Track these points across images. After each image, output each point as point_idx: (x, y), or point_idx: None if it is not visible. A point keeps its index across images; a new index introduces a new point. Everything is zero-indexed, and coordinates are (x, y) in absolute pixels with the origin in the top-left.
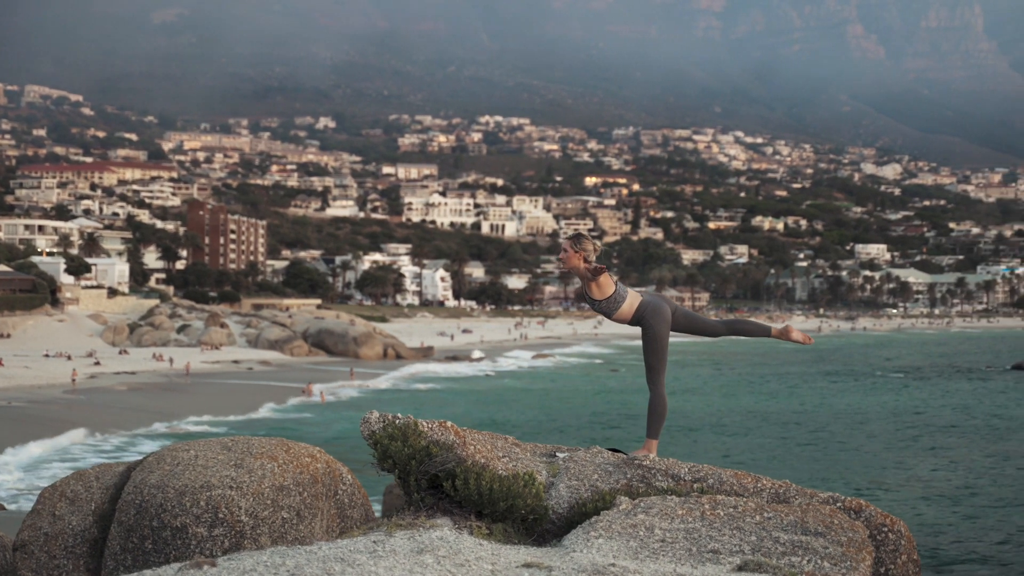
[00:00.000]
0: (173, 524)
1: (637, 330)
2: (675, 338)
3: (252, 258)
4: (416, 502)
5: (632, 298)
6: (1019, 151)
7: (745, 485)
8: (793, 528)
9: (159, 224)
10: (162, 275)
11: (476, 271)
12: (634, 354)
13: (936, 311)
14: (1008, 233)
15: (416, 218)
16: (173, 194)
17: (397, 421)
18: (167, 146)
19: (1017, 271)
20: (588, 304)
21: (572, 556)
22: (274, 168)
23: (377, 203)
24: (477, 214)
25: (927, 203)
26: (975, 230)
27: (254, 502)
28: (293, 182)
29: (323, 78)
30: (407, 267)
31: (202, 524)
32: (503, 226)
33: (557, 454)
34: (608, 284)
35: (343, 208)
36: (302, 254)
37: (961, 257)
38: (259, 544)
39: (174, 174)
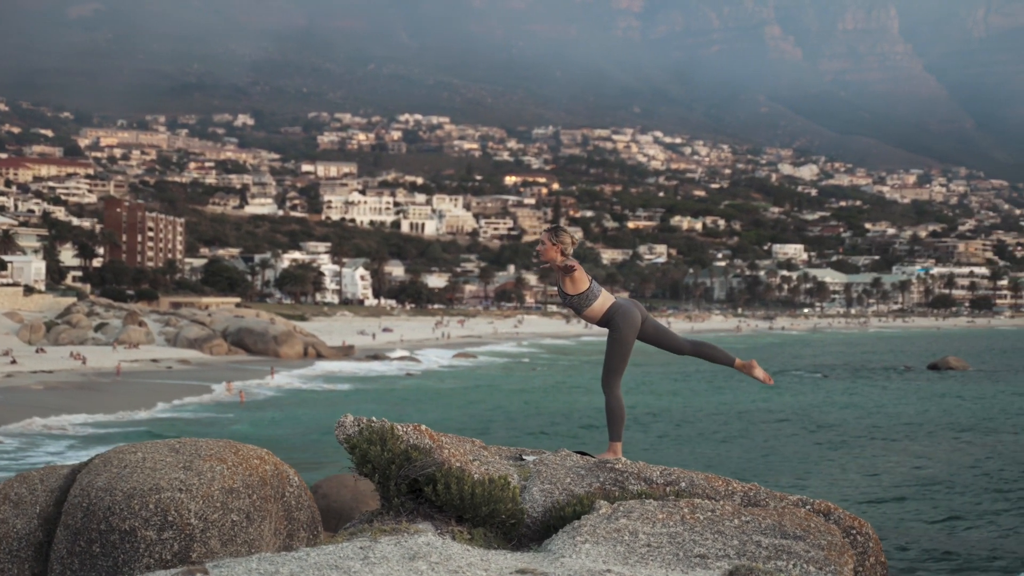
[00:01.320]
0: (121, 527)
1: (556, 329)
2: (597, 336)
3: (170, 256)
4: (396, 507)
5: (605, 298)
6: (934, 153)
7: (716, 488)
8: (772, 532)
9: (75, 221)
10: (79, 273)
11: (396, 270)
12: (552, 353)
13: (852, 311)
14: (923, 234)
15: (335, 216)
16: (89, 191)
17: (372, 425)
18: (83, 143)
19: (932, 271)
20: (560, 298)
21: (563, 561)
22: (192, 165)
23: (296, 201)
24: (397, 212)
25: (843, 204)
26: (890, 231)
27: (204, 505)
28: (211, 180)
29: (241, 75)
30: (327, 265)
31: (151, 527)
32: (423, 225)
33: (524, 457)
34: (582, 280)
35: (262, 206)
36: (220, 252)
37: (877, 257)
38: (209, 548)
39: (91, 171)
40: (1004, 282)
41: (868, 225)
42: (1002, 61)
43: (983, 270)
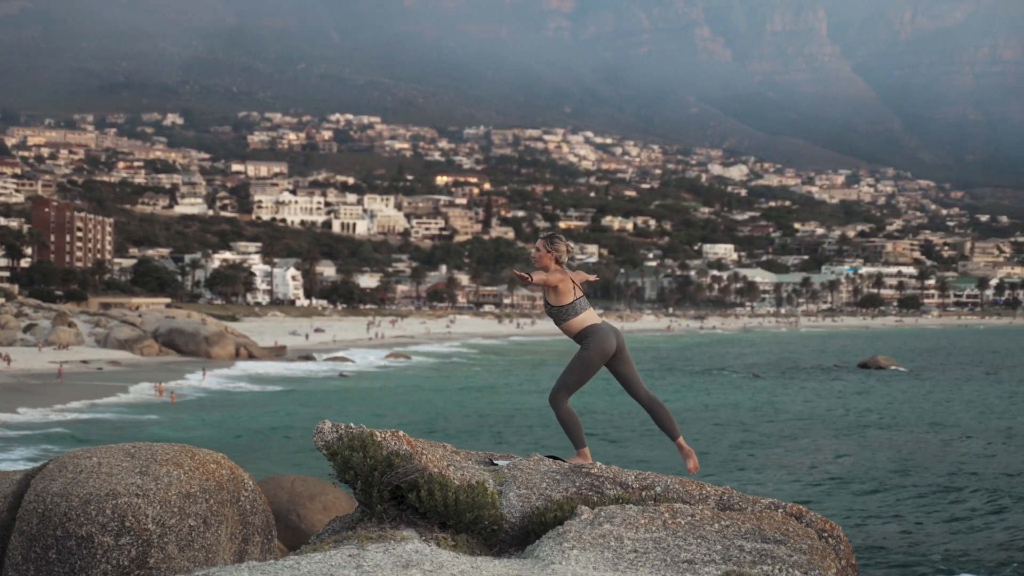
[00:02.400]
0: (78, 533)
1: (488, 329)
2: (528, 336)
3: (99, 256)
4: (379, 513)
5: (586, 317)
6: (861, 153)
7: (691, 492)
8: (753, 536)
9: (3, 221)
10: (6, 273)
11: (327, 270)
12: (485, 354)
13: (782, 310)
14: (851, 234)
15: (266, 216)
16: (17, 191)
17: (352, 431)
18: (10, 141)
19: (860, 271)
20: (544, 306)
21: (553, 568)
22: (121, 165)
23: (226, 201)
24: (328, 212)
25: (772, 204)
26: (819, 231)
27: (161, 510)
28: (140, 179)
29: (171, 74)
30: (258, 266)
31: (108, 533)
32: (354, 225)
33: (496, 462)
34: (566, 294)
35: (192, 206)
36: (150, 252)
37: (806, 257)
38: (166, 553)
39: (18, 170)
40: (931, 282)
41: (797, 225)
42: (929, 63)
43: (911, 270)
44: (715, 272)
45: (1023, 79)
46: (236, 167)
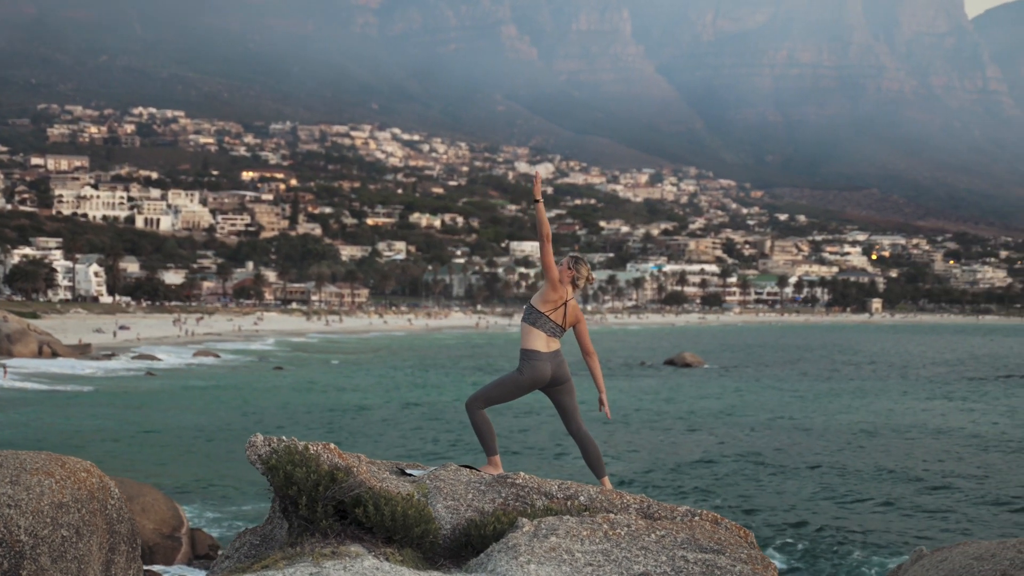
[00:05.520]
0: None
1: (296, 326)
2: (337, 333)
3: None
4: (324, 529)
5: (538, 339)
6: (665, 153)
7: (612, 501)
8: (690, 546)
9: None
10: None
11: (131, 266)
12: (296, 351)
13: (588, 307)
14: (655, 232)
15: (67, 211)
16: None
17: (286, 445)
18: None
19: (664, 269)
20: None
21: None
22: None
23: (25, 195)
24: (131, 207)
25: (578, 202)
26: (624, 229)
27: (33, 521)
28: None
29: None
30: (59, 261)
31: None
32: (158, 220)
33: (409, 471)
34: (549, 303)
35: None
36: None
37: (611, 255)
38: (39, 565)
39: None
40: (733, 279)
41: (602, 223)
42: (730, 64)
43: (713, 267)
44: (522, 269)
45: (820, 81)
46: (35, 160)
